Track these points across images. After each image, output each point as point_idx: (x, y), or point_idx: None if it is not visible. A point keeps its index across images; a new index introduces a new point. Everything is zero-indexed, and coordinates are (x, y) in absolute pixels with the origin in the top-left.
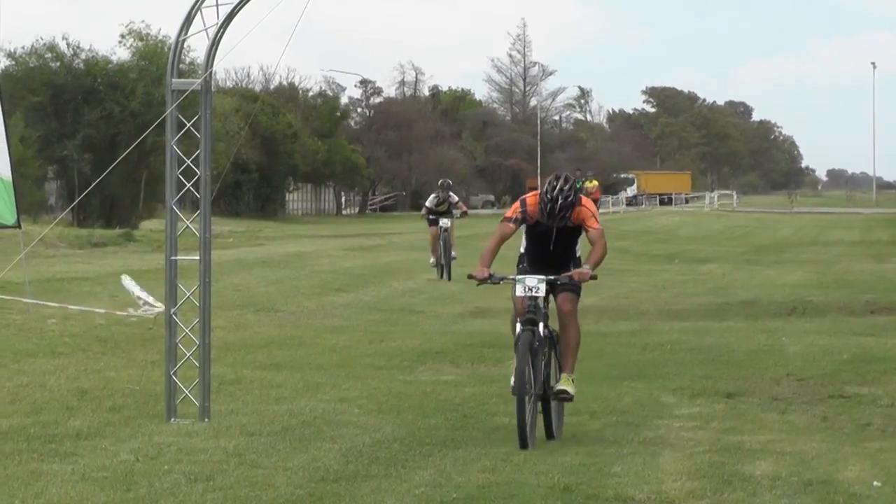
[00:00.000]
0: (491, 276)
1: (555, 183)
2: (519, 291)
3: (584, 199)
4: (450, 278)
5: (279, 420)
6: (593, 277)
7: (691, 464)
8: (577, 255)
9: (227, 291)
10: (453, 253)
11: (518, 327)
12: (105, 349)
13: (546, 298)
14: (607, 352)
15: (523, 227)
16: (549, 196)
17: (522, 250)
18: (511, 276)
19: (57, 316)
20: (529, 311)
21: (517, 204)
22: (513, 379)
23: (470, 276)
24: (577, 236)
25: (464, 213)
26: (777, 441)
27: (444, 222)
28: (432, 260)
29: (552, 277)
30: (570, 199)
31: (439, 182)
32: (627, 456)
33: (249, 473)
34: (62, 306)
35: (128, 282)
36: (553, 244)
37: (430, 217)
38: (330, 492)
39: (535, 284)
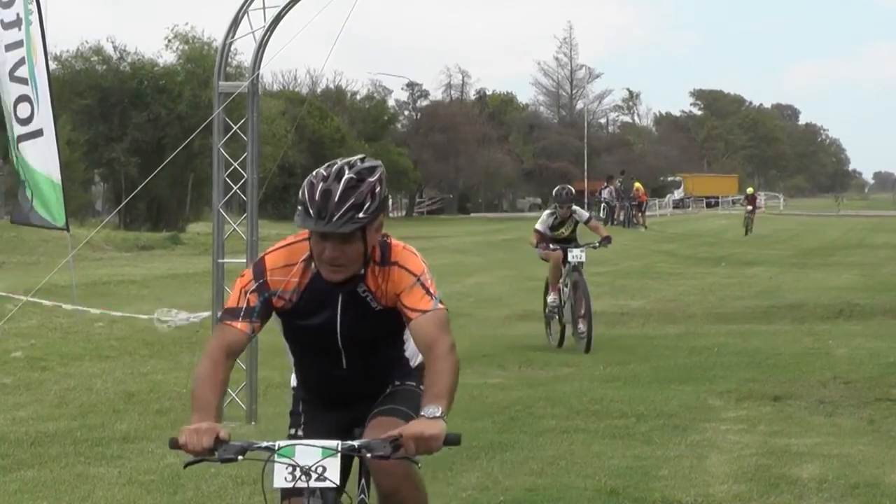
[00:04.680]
0: (218, 441)
1: (341, 162)
2: (279, 481)
3: (401, 251)
4: (588, 349)
5: None
6: (451, 441)
7: (738, 467)
8: (413, 363)
9: None
10: (592, 306)
11: None
12: (152, 352)
13: (345, 473)
14: (654, 355)
15: (281, 327)
16: (322, 174)
17: (294, 383)
18: (261, 444)
19: (104, 319)
20: None
21: (247, 275)
22: None
23: (175, 446)
24: (399, 331)
25: (605, 240)
26: (824, 444)
27: (576, 255)
28: (551, 297)
29: (355, 443)
30: (369, 180)
31: (555, 191)
32: (674, 459)
33: None
34: (105, 312)
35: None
36: (344, 351)
37: (551, 248)
38: None
39: (316, 462)
